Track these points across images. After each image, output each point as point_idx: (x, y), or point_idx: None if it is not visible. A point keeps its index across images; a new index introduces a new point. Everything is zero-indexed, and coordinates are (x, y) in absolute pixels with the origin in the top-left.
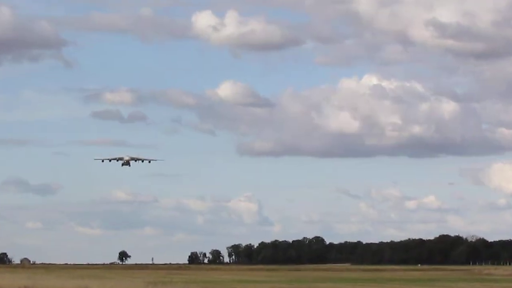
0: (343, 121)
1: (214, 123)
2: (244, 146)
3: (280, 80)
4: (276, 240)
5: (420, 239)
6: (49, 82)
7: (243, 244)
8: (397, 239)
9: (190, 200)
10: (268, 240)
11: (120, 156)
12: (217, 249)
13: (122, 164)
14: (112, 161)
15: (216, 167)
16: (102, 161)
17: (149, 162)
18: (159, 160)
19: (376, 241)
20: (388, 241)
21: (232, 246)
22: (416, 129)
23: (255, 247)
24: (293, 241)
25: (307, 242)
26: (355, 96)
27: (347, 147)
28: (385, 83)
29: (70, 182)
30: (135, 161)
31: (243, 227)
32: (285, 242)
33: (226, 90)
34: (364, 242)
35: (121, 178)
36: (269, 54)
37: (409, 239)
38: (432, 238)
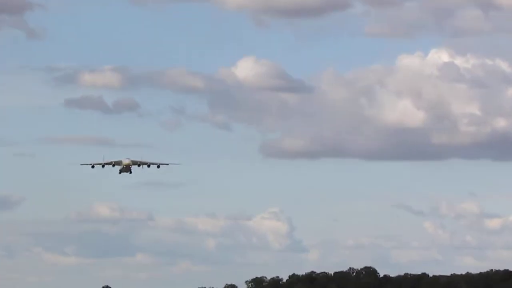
0: (402, 112)
1: (229, 114)
2: (270, 145)
3: (318, 57)
4: (312, 272)
5: (506, 271)
6: (8, 59)
7: (268, 277)
8: (475, 270)
9: (197, 218)
10: (301, 271)
11: (117, 160)
12: (233, 283)
13: (120, 171)
14: (106, 166)
15: (232, 173)
16: (92, 166)
17: (158, 167)
18: (172, 164)
19: (447, 273)
20: (463, 273)
21: (254, 279)
22: (501, 123)
23: (284, 281)
24: (335, 273)
25: (354, 274)
26: (418, 78)
27: (408, 147)
28: (459, 61)
29: (36, 193)
30: (138, 166)
31: (268, 254)
32: (324, 275)
33: (245, 69)
34: (430, 275)
35: (104, 188)
36: (303, 22)
37: (491, 270)
38: None
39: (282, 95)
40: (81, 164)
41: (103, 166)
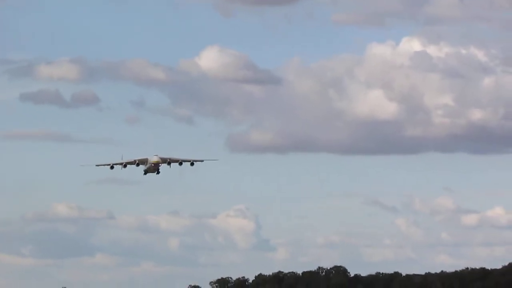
0: (373, 104)
1: (193, 107)
2: (236, 139)
3: (286, 47)
4: (280, 272)
5: (483, 269)
6: None
7: (234, 278)
8: (450, 268)
9: (159, 216)
10: (268, 271)
11: (142, 157)
12: (197, 284)
13: (146, 171)
14: (128, 166)
15: (196, 169)
16: (111, 167)
17: (192, 164)
18: (208, 160)
19: (421, 271)
20: (438, 271)
21: (219, 280)
22: (477, 114)
23: (251, 281)
24: (303, 272)
25: (324, 273)
26: (389, 69)
27: (379, 140)
28: (432, 50)
29: None
30: (168, 164)
31: (234, 253)
32: (293, 274)
33: (210, 60)
34: (403, 274)
35: (62, 186)
36: (270, 10)
37: (467, 268)
38: (499, 267)
39: (248, 87)
40: (97, 165)
41: (124, 166)
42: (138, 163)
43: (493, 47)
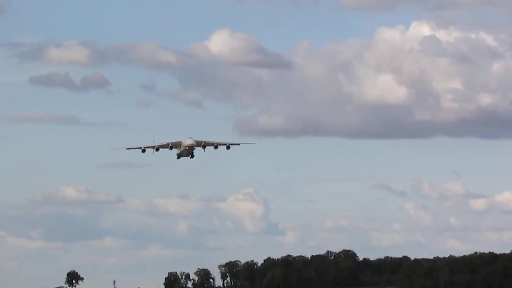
0: (382, 88)
1: (202, 91)
2: (245, 123)
3: (295, 31)
4: (288, 256)
5: (491, 254)
6: None
7: (242, 261)
8: (459, 253)
9: (168, 200)
10: (277, 255)
11: (175, 140)
12: (205, 268)
13: (179, 155)
14: (160, 149)
15: (205, 152)
16: (143, 151)
17: (228, 148)
18: (245, 143)
19: (430, 256)
20: (446, 256)
21: (227, 264)
22: (486, 99)
23: (259, 265)
24: (312, 256)
25: (332, 257)
26: (399, 53)
27: (388, 125)
28: (441, 34)
29: None
30: (203, 147)
31: (243, 237)
32: (301, 258)
33: (219, 43)
34: (412, 258)
35: (71, 169)
36: None
37: (476, 253)
38: (507, 251)
39: (258, 71)
40: (128, 149)
41: (157, 149)
42: (171, 146)
43: (502, 32)
